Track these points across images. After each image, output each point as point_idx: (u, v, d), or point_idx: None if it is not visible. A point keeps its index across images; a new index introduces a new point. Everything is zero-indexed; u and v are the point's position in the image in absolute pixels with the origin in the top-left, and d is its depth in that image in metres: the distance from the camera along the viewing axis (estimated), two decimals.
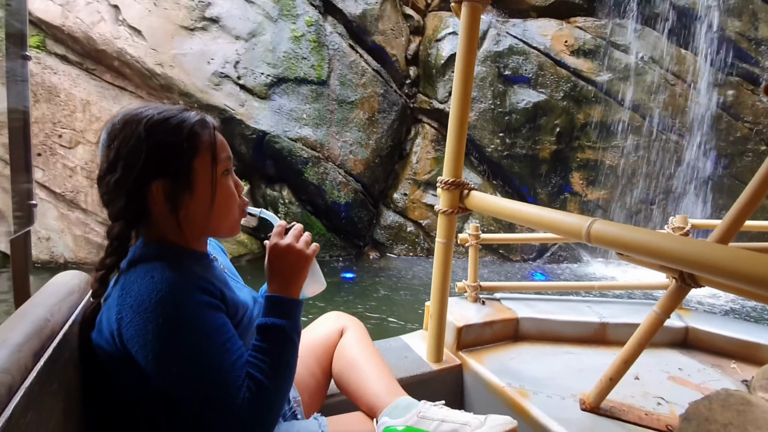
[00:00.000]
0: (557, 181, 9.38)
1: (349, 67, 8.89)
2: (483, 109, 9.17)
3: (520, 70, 9.15)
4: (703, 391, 2.18)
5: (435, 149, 9.47)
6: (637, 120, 9.20)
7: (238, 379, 1.20)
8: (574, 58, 9.21)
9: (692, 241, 1.23)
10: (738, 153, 9.17)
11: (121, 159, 1.23)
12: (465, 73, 2.02)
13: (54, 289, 1.39)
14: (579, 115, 9.17)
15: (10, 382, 0.92)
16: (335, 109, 8.81)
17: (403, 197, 9.37)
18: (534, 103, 9.08)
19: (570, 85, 9.10)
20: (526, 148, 9.18)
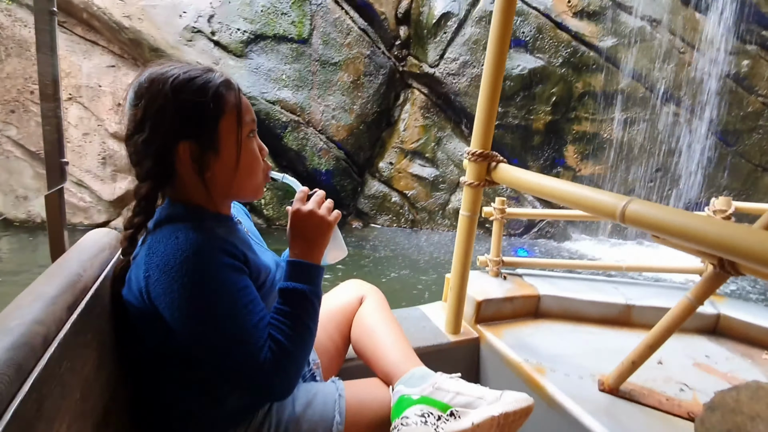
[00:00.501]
0: (550, 153, 9.36)
1: (333, 25, 8.82)
2: (475, 74, 9.13)
3: (517, 32, 9.09)
4: (730, 380, 2.21)
5: (424, 117, 9.42)
6: (641, 90, 9.13)
7: (260, 339, 1.29)
8: (577, 21, 9.13)
9: (736, 225, 1.22)
10: (747, 129, 9.11)
11: (149, 119, 1.30)
12: (500, 39, 2.03)
13: (86, 246, 1.51)
14: (578, 84, 9.12)
15: (45, 333, 1.02)
16: (317, 70, 8.77)
17: (389, 166, 9.36)
18: (530, 69, 9.05)
19: (570, 51, 9.06)
20: (519, 117, 9.15)
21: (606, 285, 2.89)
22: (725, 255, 1.25)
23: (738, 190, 9.21)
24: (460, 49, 9.17)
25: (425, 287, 6.47)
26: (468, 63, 9.13)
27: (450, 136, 9.43)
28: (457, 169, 9.29)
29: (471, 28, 9.15)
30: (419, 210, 9.38)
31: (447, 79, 9.21)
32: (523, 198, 9.05)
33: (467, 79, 9.13)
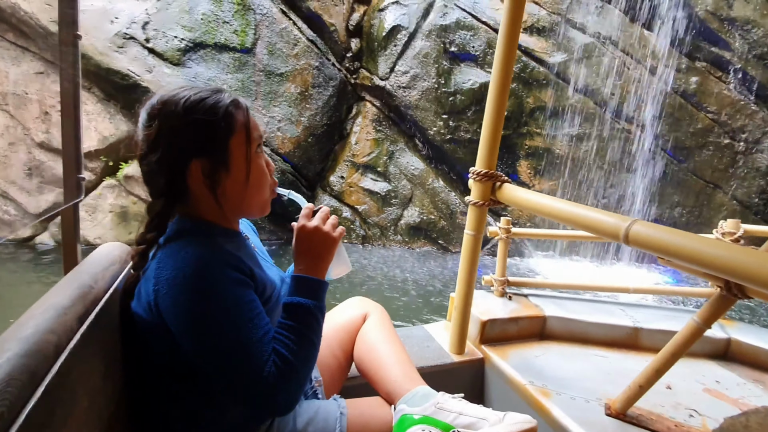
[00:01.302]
0: (503, 169, 9.40)
1: (280, 35, 8.81)
2: (426, 87, 9.23)
3: (468, 46, 9.22)
4: (740, 407, 2.22)
5: (376, 130, 9.46)
6: (591, 106, 9.32)
7: (264, 353, 1.33)
8: (527, 36, 9.30)
9: (742, 249, 1.24)
10: (698, 146, 9.35)
11: (162, 138, 1.38)
12: (506, 58, 2.10)
13: (98, 259, 1.56)
14: (528, 99, 9.26)
15: (57, 341, 1.07)
16: (262, 80, 8.73)
17: (340, 180, 9.34)
18: (481, 84, 9.14)
19: (520, 66, 9.19)
20: (471, 132, 9.24)
21: (613, 307, 2.93)
22: (732, 278, 1.30)
23: (690, 207, 9.45)
24: (410, 62, 9.25)
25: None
26: (418, 76, 9.21)
27: (403, 150, 9.45)
28: (410, 183, 9.31)
29: (421, 42, 9.25)
30: (371, 226, 9.36)
31: (398, 92, 9.27)
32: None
33: (418, 92, 9.20)
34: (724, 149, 9.32)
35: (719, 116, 9.28)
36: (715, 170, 9.41)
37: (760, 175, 9.34)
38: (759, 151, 9.30)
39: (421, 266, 8.33)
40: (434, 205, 9.12)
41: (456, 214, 9.12)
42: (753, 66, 9.17)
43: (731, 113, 9.26)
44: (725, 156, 9.35)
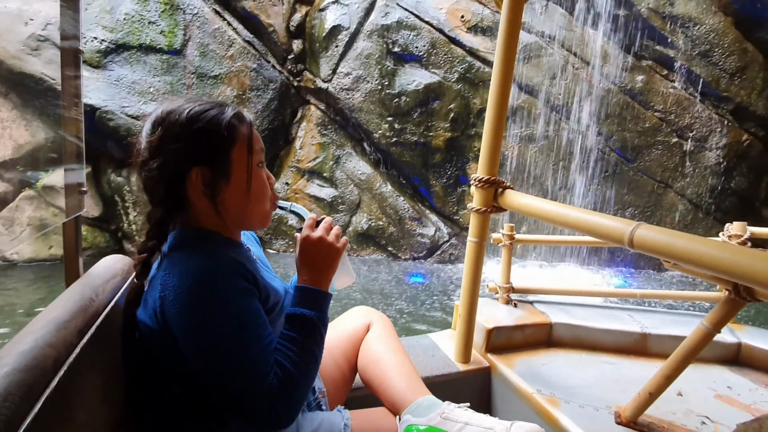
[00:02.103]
0: (453, 171, 9.48)
1: (212, 36, 8.74)
2: (369, 89, 9.24)
3: (411, 47, 9.26)
4: (753, 412, 2.24)
5: (321, 134, 9.45)
6: (538, 107, 9.43)
7: (266, 364, 1.37)
8: (471, 36, 9.37)
9: (749, 251, 1.26)
10: (646, 145, 9.52)
11: (164, 145, 1.44)
12: (505, 63, 2.16)
13: (100, 272, 1.63)
14: (475, 100, 9.31)
15: (56, 356, 1.11)
16: (193, 83, 8.65)
17: (284, 187, 9.29)
18: (426, 85, 9.20)
19: (465, 66, 9.27)
20: (417, 134, 9.28)
21: (620, 312, 2.96)
22: (739, 281, 1.33)
23: (642, 206, 9.62)
24: (352, 64, 9.27)
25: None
26: (361, 78, 9.23)
27: (349, 155, 9.42)
28: (357, 189, 9.29)
29: (363, 42, 9.28)
30: None
31: (341, 95, 9.28)
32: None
33: (361, 94, 9.21)
34: (672, 148, 9.53)
35: (666, 115, 9.49)
36: (666, 169, 9.60)
37: (709, 173, 9.59)
38: (707, 149, 9.55)
39: (370, 273, 8.31)
40: (383, 210, 9.14)
41: (405, 220, 9.16)
42: (697, 63, 9.42)
43: (678, 111, 9.47)
44: (674, 155, 9.57)
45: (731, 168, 9.64)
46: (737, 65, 9.40)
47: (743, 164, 9.69)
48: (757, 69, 9.50)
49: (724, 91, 9.45)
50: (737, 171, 9.69)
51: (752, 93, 9.50)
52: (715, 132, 9.56)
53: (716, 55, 9.39)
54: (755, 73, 9.50)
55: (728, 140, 9.51)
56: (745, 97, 9.48)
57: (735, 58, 9.39)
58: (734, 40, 9.37)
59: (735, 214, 9.66)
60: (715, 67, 9.43)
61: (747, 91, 9.48)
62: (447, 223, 9.50)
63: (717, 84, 9.45)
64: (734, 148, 9.55)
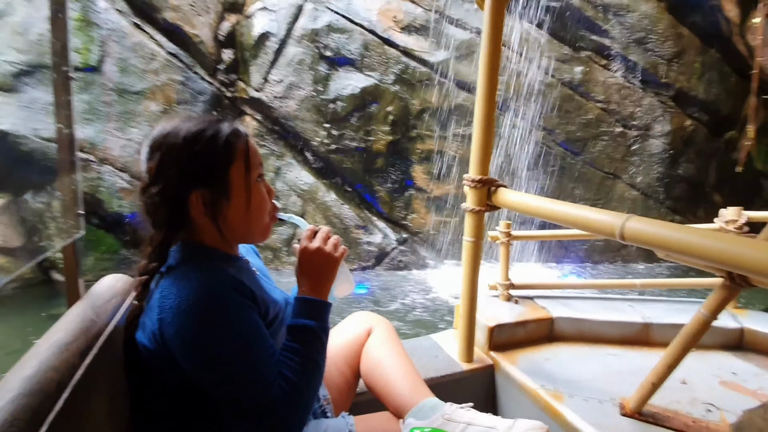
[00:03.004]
0: (398, 176, 9.54)
1: (133, 50, 8.61)
2: (304, 96, 9.26)
3: (343, 50, 9.31)
4: (759, 398, 2.31)
5: (259, 145, 9.00)
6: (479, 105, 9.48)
7: (270, 377, 1.43)
8: (405, 36, 9.45)
9: (739, 238, 1.33)
10: (591, 137, 9.75)
11: (164, 170, 1.49)
12: (490, 67, 2.28)
13: (100, 292, 1.66)
14: (414, 101, 9.41)
15: (59, 379, 1.15)
16: (113, 100, 8.48)
17: None
18: (361, 89, 9.27)
19: (401, 67, 9.36)
20: (357, 140, 9.32)
21: (621, 304, 3.06)
22: (731, 269, 1.47)
23: (593, 199, 9.83)
24: (284, 71, 9.27)
25: None
26: (294, 84, 9.23)
27: (290, 165, 9.37)
28: (300, 199, 9.27)
29: (294, 48, 9.29)
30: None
31: (274, 103, 9.26)
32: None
33: (296, 101, 9.21)
34: (618, 138, 9.78)
35: (608, 105, 9.73)
36: (613, 160, 9.85)
37: (656, 161, 9.86)
38: (652, 137, 9.83)
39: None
40: (327, 220, 9.12)
41: (350, 229, 9.18)
42: (634, 51, 9.70)
43: (620, 101, 9.73)
44: (620, 145, 9.82)
45: (678, 155, 9.93)
46: (674, 50, 9.69)
47: (690, 150, 9.99)
48: (694, 53, 9.81)
49: (663, 77, 9.74)
50: (684, 157, 9.98)
51: (692, 78, 9.80)
52: (658, 119, 9.84)
53: (652, 42, 9.68)
54: (693, 58, 9.80)
55: (672, 127, 9.80)
56: (685, 82, 9.78)
57: (671, 44, 9.68)
58: (668, 26, 9.67)
59: (686, 201, 10.01)
60: (652, 54, 9.72)
61: (686, 77, 9.79)
62: (395, 229, 9.57)
63: (655, 71, 9.73)
64: (679, 134, 9.85)
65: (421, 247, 9.68)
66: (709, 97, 9.90)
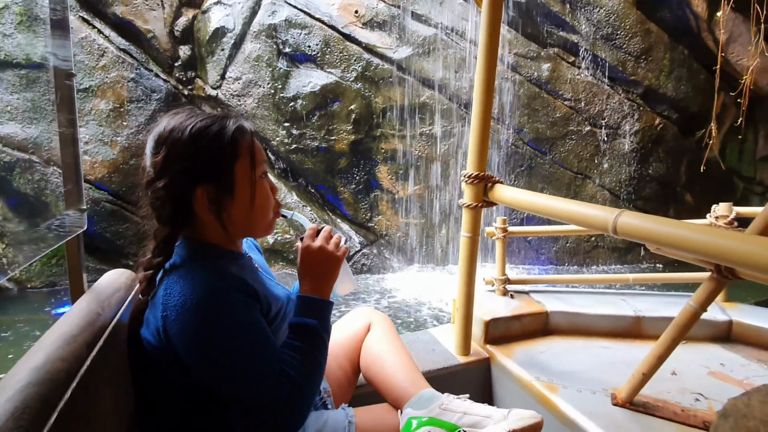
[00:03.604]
0: (362, 177, 9.58)
1: (80, 46, 8.53)
2: (262, 94, 9.29)
3: (303, 46, 9.31)
4: (746, 387, 2.44)
5: None
6: (444, 102, 9.60)
7: (272, 375, 1.51)
8: (367, 32, 9.47)
9: (727, 232, 1.39)
10: (560, 136, 9.84)
11: (169, 165, 1.57)
12: (488, 63, 2.41)
13: (104, 287, 1.77)
14: (377, 99, 9.44)
15: (68, 369, 1.22)
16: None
17: None
18: (322, 86, 9.33)
19: (363, 64, 9.39)
20: (318, 139, 9.33)
21: (614, 298, 3.26)
22: (719, 261, 1.59)
23: None
24: (241, 67, 9.32)
25: None
26: (252, 82, 9.28)
27: None
28: None
29: (251, 44, 9.30)
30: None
31: (232, 101, 9.30)
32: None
33: (254, 99, 9.32)
34: (586, 137, 9.86)
35: (576, 103, 9.83)
36: (582, 160, 9.94)
37: (626, 161, 9.99)
38: (621, 136, 9.96)
39: None
40: (289, 223, 9.10)
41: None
42: (601, 48, 9.81)
43: (588, 99, 9.81)
44: (589, 144, 9.92)
45: (647, 154, 10.08)
46: (641, 47, 9.82)
47: (659, 149, 10.15)
48: (663, 50, 9.96)
49: (631, 74, 9.88)
50: (654, 156, 10.14)
51: (660, 75, 9.96)
52: (627, 118, 9.97)
53: (620, 38, 9.79)
54: (661, 54, 9.95)
55: (641, 125, 9.95)
56: (654, 79, 9.94)
57: (638, 40, 9.81)
58: (636, 21, 9.78)
59: (657, 201, 10.18)
60: (619, 51, 9.84)
61: (655, 74, 9.95)
62: (359, 231, 9.63)
63: (624, 68, 9.86)
64: (648, 133, 10.00)
65: (386, 250, 9.73)
66: (678, 95, 10.05)
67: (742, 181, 11.11)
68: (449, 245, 9.99)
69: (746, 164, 10.99)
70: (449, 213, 9.95)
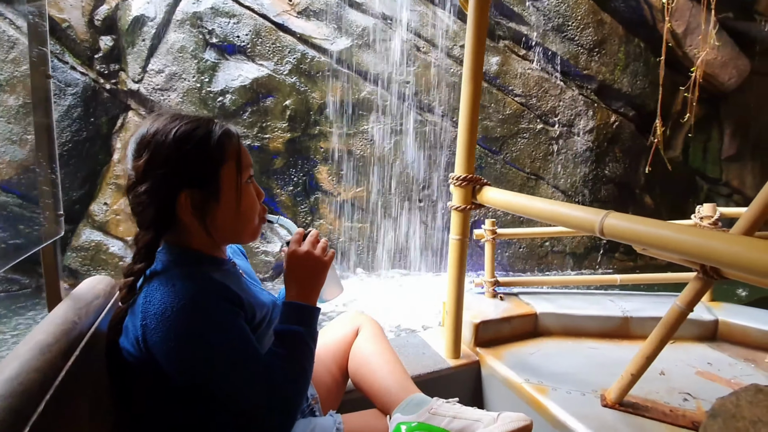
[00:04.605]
0: (300, 178, 9.54)
1: None
2: (187, 88, 9.30)
3: (231, 36, 9.23)
4: (733, 386, 2.64)
5: None
6: (385, 97, 9.59)
7: (256, 384, 1.61)
8: (303, 21, 9.41)
9: (710, 232, 1.50)
10: (511, 134, 9.92)
11: (152, 169, 1.65)
12: (475, 64, 2.60)
13: (81, 294, 1.84)
14: (314, 94, 9.40)
15: (42, 380, 1.28)
16: None
17: (103, 208, 8.98)
18: (253, 80, 9.31)
19: (298, 56, 9.36)
20: (251, 137, 9.23)
21: (602, 298, 3.50)
22: (704, 261, 1.74)
23: None
24: (164, 59, 9.23)
25: None
26: (176, 75, 9.23)
27: None
28: None
29: (174, 34, 9.20)
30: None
31: (154, 96, 9.18)
32: None
33: (178, 94, 9.26)
34: (539, 136, 9.97)
35: (528, 99, 9.94)
36: (534, 160, 10.04)
37: (581, 161, 10.14)
38: (575, 134, 10.10)
39: None
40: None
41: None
42: (552, 40, 9.94)
43: (539, 95, 9.92)
44: (542, 143, 10.02)
45: (603, 153, 10.25)
46: (594, 39, 9.97)
47: (616, 148, 10.35)
48: (618, 42, 10.14)
49: (584, 68, 10.05)
50: (610, 156, 10.33)
51: (615, 69, 10.14)
52: (581, 115, 10.13)
53: (571, 29, 9.93)
54: (615, 47, 10.13)
55: (596, 123, 10.11)
56: (608, 74, 10.13)
57: (591, 32, 9.96)
58: (588, 11, 9.92)
59: (614, 203, 10.33)
60: (571, 43, 9.99)
61: (609, 68, 10.14)
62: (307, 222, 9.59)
63: (576, 61, 10.02)
64: (603, 131, 10.18)
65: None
66: (634, 91, 10.24)
67: (707, 182, 11.34)
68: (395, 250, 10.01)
69: (711, 164, 11.22)
70: (397, 216, 9.98)
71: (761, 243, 1.31)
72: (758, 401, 1.63)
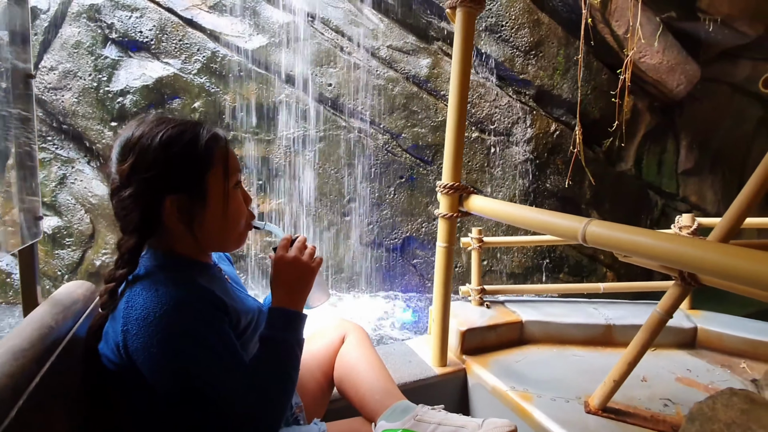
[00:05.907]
0: None
1: None
2: (83, 87, 9.28)
3: (133, 32, 9.22)
4: (711, 392, 2.90)
5: (40, 147, 8.95)
6: (306, 102, 9.58)
7: (239, 391, 1.73)
8: (215, 17, 9.39)
9: (688, 239, 1.69)
10: (444, 143, 8.31)
11: (137, 173, 1.78)
12: (462, 75, 2.97)
13: (59, 299, 1.97)
14: (226, 96, 9.54)
15: (14, 386, 1.36)
16: None
17: None
18: (157, 79, 9.32)
19: (208, 54, 9.48)
20: None
21: (586, 306, 3.85)
22: (682, 267, 1.99)
23: None
24: (58, 56, 9.24)
25: None
26: (71, 72, 9.27)
27: (79, 173, 9.37)
28: (89, 215, 9.33)
29: (70, 28, 9.25)
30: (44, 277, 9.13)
31: (47, 95, 9.24)
32: None
33: (74, 93, 9.25)
34: (474, 144, 9.94)
35: None
36: (471, 170, 9.97)
37: (519, 173, 10.12)
38: (513, 143, 10.12)
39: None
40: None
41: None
42: (486, 41, 9.99)
43: (474, 101, 9.89)
44: (477, 153, 10.00)
45: (543, 164, 10.24)
46: (531, 40, 10.03)
47: (557, 159, 10.38)
48: (556, 45, 10.22)
49: (521, 72, 10.12)
50: (552, 168, 10.33)
51: (554, 74, 10.25)
52: (519, 122, 10.12)
53: (506, 30, 9.96)
54: (554, 50, 10.22)
55: (535, 131, 10.10)
56: (547, 78, 10.22)
57: (527, 32, 10.00)
58: (523, 10, 9.96)
59: None
60: (506, 45, 10.03)
61: (548, 72, 10.24)
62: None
63: (512, 65, 10.07)
64: (543, 140, 10.18)
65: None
66: (575, 98, 10.17)
67: (662, 197, 11.39)
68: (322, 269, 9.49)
69: (667, 178, 11.28)
70: (322, 231, 9.94)
71: (736, 250, 1.51)
72: (732, 404, 1.90)
